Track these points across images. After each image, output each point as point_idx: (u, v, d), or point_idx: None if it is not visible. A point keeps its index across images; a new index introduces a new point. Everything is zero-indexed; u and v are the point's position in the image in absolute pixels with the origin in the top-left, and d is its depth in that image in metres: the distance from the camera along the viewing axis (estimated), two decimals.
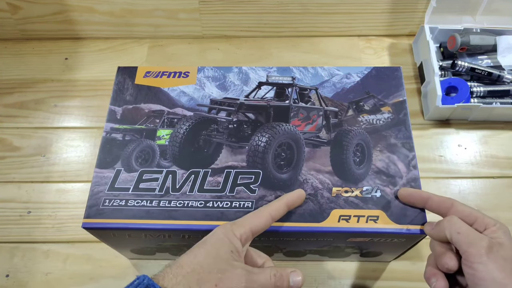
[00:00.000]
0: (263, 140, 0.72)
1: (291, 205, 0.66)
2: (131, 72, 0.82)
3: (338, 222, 0.66)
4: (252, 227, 0.60)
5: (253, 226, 0.60)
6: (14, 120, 1.10)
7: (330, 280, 0.90)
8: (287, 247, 0.80)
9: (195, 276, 0.53)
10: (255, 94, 0.79)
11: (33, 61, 1.20)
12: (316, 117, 0.77)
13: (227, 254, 0.56)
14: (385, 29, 1.21)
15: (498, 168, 1.02)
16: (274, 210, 0.63)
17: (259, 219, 0.61)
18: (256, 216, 0.61)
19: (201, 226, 0.66)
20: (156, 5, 1.15)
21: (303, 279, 0.62)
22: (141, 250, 0.83)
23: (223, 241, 0.57)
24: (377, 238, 0.69)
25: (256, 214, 0.62)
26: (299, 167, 0.71)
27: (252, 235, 0.60)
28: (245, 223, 0.60)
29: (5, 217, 0.98)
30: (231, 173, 0.71)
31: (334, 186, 0.69)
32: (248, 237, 0.59)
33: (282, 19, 1.18)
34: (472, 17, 1.13)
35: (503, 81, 1.07)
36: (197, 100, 0.79)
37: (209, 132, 0.75)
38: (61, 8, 1.15)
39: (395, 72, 0.80)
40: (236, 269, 0.55)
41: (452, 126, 1.08)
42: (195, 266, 0.54)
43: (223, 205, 0.68)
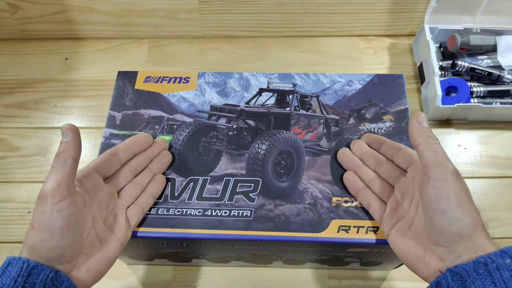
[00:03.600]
0: (263, 148, 0.72)
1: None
2: (131, 77, 0.82)
3: (338, 233, 0.66)
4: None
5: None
6: (14, 120, 1.10)
7: (330, 280, 0.90)
8: (286, 256, 0.81)
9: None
10: (256, 101, 0.79)
11: (33, 61, 1.20)
12: (317, 125, 0.77)
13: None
14: (385, 29, 1.20)
15: (498, 168, 1.02)
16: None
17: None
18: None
19: (200, 235, 0.66)
20: (156, 5, 1.15)
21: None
22: (139, 256, 0.83)
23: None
24: (377, 248, 0.69)
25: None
26: (299, 176, 0.71)
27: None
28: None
29: (5, 217, 0.98)
30: (230, 181, 0.71)
31: (334, 196, 0.69)
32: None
33: (282, 19, 1.18)
34: (472, 17, 1.13)
35: (503, 81, 1.07)
36: (197, 106, 0.78)
37: (208, 139, 0.75)
38: (61, 8, 1.15)
39: (398, 80, 0.79)
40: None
41: (452, 126, 1.08)
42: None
43: (222, 213, 0.68)
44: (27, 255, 0.53)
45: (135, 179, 0.68)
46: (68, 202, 0.54)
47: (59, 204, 0.53)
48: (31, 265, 0.51)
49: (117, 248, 0.62)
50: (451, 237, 0.52)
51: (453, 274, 0.50)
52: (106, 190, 0.64)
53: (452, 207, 0.52)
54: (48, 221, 0.53)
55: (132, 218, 0.65)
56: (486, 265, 0.49)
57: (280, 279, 0.91)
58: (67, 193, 0.54)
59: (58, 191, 0.53)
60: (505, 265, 0.48)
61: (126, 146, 0.68)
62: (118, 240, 0.62)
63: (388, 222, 0.62)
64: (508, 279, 0.47)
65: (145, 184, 0.68)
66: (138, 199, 0.67)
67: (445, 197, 0.52)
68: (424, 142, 0.56)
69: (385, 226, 0.62)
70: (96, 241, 0.60)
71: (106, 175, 0.65)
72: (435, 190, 0.53)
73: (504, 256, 0.49)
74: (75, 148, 0.56)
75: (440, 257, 0.54)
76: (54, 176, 0.54)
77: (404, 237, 0.59)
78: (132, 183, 0.68)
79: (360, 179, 0.68)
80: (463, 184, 0.53)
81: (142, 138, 0.70)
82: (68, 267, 0.55)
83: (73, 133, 0.57)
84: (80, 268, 0.57)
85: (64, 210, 0.53)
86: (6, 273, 0.51)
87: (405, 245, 0.58)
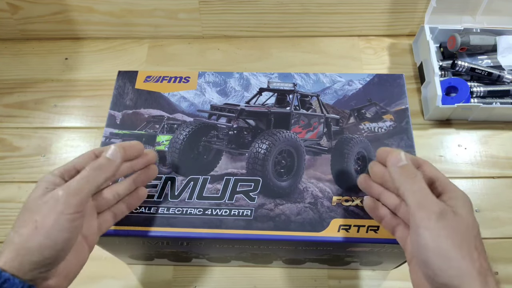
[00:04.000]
0: (263, 147, 0.72)
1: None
2: (131, 76, 0.81)
3: (338, 232, 0.66)
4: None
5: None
6: (14, 120, 1.10)
7: (330, 280, 0.90)
8: (286, 255, 0.81)
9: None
10: (256, 100, 0.79)
11: (33, 61, 1.20)
12: (317, 124, 0.77)
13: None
14: (385, 29, 1.21)
15: (498, 168, 1.02)
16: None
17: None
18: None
19: (200, 234, 0.66)
20: (156, 5, 1.15)
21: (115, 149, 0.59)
22: (139, 256, 0.83)
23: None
24: (377, 248, 0.69)
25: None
26: (299, 175, 0.71)
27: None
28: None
29: (5, 217, 0.98)
30: (231, 180, 0.71)
31: (334, 195, 0.69)
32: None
33: (282, 19, 1.18)
34: (472, 17, 1.13)
35: (503, 81, 1.08)
36: (198, 106, 0.78)
37: (209, 139, 0.75)
38: (61, 8, 1.15)
39: (398, 80, 0.79)
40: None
41: (452, 126, 1.08)
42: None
43: (222, 213, 0.68)
44: (11, 256, 0.49)
45: (112, 186, 0.63)
46: (80, 215, 0.52)
47: (73, 216, 0.51)
48: (3, 277, 0.48)
49: (86, 253, 0.59)
50: (440, 286, 0.48)
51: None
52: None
53: (434, 257, 0.48)
54: (56, 229, 0.50)
55: (103, 224, 0.62)
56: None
57: (280, 279, 0.91)
58: (83, 206, 0.53)
59: (76, 202, 0.52)
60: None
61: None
62: (88, 245, 0.59)
63: (409, 250, 0.56)
64: None
65: (123, 193, 0.63)
66: (114, 206, 0.63)
67: (426, 245, 0.49)
68: (403, 185, 0.53)
69: (407, 254, 0.57)
70: (73, 248, 0.55)
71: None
72: (418, 238, 0.50)
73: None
74: (114, 170, 0.56)
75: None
76: (80, 185, 0.53)
77: (416, 271, 0.53)
78: (109, 189, 0.62)
79: (384, 205, 0.62)
80: (448, 227, 0.49)
81: (133, 146, 0.63)
82: (49, 274, 0.52)
83: (121, 157, 0.57)
84: (60, 275, 0.54)
85: (75, 222, 0.52)
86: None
87: (414, 278, 0.54)
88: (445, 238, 0.48)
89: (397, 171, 0.54)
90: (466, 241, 0.48)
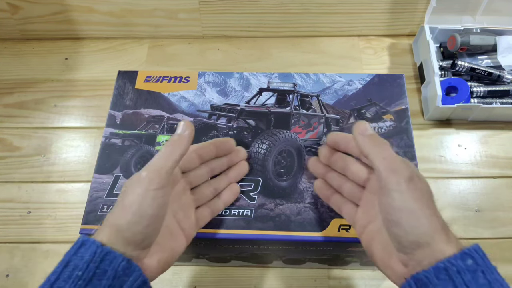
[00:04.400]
0: (263, 147, 0.72)
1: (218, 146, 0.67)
2: (131, 76, 0.81)
3: (338, 232, 0.66)
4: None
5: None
6: (14, 120, 1.11)
7: (330, 280, 0.90)
8: (286, 255, 0.81)
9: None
10: (256, 100, 0.79)
11: (33, 61, 1.20)
12: (317, 124, 0.77)
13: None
14: (385, 29, 1.20)
15: (498, 168, 1.02)
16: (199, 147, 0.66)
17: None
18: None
19: (200, 234, 0.66)
20: (156, 5, 1.15)
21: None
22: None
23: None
24: None
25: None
26: (299, 175, 0.71)
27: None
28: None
29: (5, 217, 0.98)
30: None
31: None
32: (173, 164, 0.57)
33: (282, 19, 1.18)
34: (472, 17, 1.13)
35: (503, 81, 1.07)
36: (198, 106, 0.78)
37: (209, 139, 0.75)
38: (61, 8, 1.15)
39: (398, 80, 0.79)
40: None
41: (452, 126, 1.08)
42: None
43: (222, 212, 0.68)
44: (107, 233, 0.53)
45: (211, 181, 0.67)
46: (163, 192, 0.55)
47: (155, 192, 0.54)
48: (104, 250, 0.51)
49: (183, 244, 0.62)
50: (410, 245, 0.51)
51: (416, 280, 0.50)
52: (181, 184, 0.63)
53: (405, 217, 0.51)
54: (141, 205, 0.53)
55: (201, 219, 0.65)
56: (446, 270, 0.48)
57: (280, 279, 0.91)
58: (165, 182, 0.55)
59: (157, 179, 0.55)
60: (466, 267, 0.48)
61: (210, 146, 0.67)
62: (185, 237, 0.62)
63: (360, 224, 0.60)
64: (470, 282, 0.47)
65: (219, 189, 0.68)
66: (211, 202, 0.67)
67: (398, 207, 0.51)
68: (372, 151, 0.55)
69: (357, 228, 0.61)
70: (166, 233, 0.59)
71: (184, 169, 0.64)
72: (388, 200, 0.52)
73: (465, 258, 0.48)
74: (187, 144, 0.57)
75: (403, 263, 0.53)
76: (158, 163, 0.56)
77: (373, 242, 0.58)
78: (207, 184, 0.67)
79: (330, 186, 0.66)
80: (417, 189, 0.52)
81: (228, 142, 0.69)
82: (143, 253, 0.56)
83: (190, 130, 0.58)
84: (153, 257, 0.57)
85: (158, 199, 0.55)
86: (78, 254, 0.52)
87: (373, 250, 0.58)
88: (415, 199, 0.51)
89: (365, 139, 0.56)
90: (431, 202, 0.53)
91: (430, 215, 0.51)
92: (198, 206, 0.66)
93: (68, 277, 0.50)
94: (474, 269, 0.48)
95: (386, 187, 0.52)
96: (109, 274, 0.51)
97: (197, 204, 0.65)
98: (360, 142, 0.56)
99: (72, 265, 0.50)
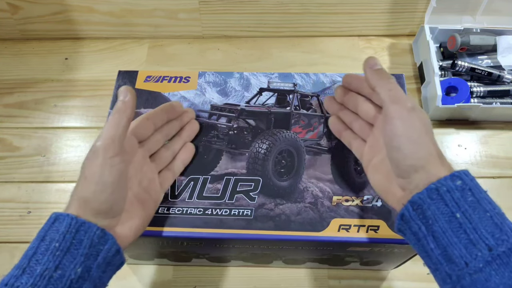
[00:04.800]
0: (263, 147, 0.72)
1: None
2: (131, 76, 0.81)
3: (338, 232, 0.66)
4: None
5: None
6: (14, 120, 1.10)
7: (330, 280, 0.90)
8: (286, 255, 0.81)
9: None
10: (256, 100, 0.79)
11: (33, 61, 1.20)
12: (317, 124, 0.77)
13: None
14: (385, 29, 1.21)
15: (498, 168, 1.02)
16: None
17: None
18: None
19: (200, 234, 0.66)
20: (156, 5, 1.15)
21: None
22: (139, 256, 0.83)
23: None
24: (377, 248, 0.69)
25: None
26: (300, 175, 0.71)
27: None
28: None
29: (5, 217, 0.98)
30: (231, 180, 0.71)
31: (334, 194, 0.69)
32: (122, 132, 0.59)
33: (282, 19, 1.18)
34: (472, 17, 1.13)
35: (503, 81, 1.08)
36: (198, 106, 0.78)
37: (209, 138, 0.75)
38: (61, 8, 1.15)
39: (398, 80, 0.78)
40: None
41: (452, 126, 1.08)
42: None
43: (222, 212, 0.68)
44: (76, 207, 0.55)
45: (167, 144, 0.71)
46: (119, 159, 0.57)
47: (112, 160, 0.56)
48: (79, 221, 0.53)
49: (152, 209, 0.65)
50: (407, 169, 0.55)
51: (412, 203, 0.54)
52: (140, 153, 0.65)
53: (405, 142, 0.55)
54: (101, 174, 0.55)
55: (164, 182, 0.68)
56: (437, 190, 0.52)
57: (280, 279, 0.91)
58: (119, 150, 0.57)
59: (112, 146, 0.56)
60: (455, 187, 0.51)
61: (161, 112, 0.69)
62: (153, 201, 0.65)
63: (366, 158, 0.65)
64: (459, 199, 0.51)
65: (176, 150, 0.71)
66: (170, 164, 0.70)
67: (400, 133, 0.55)
68: (379, 83, 0.59)
69: (364, 162, 0.65)
70: (134, 201, 0.62)
71: (140, 138, 0.66)
72: (391, 127, 0.56)
73: (455, 179, 0.52)
74: (131, 108, 0.59)
75: (401, 187, 0.57)
76: (109, 132, 0.57)
77: (376, 171, 0.62)
78: (164, 148, 0.70)
79: (343, 122, 0.71)
80: (418, 118, 0.56)
81: (176, 105, 0.72)
82: (113, 222, 0.58)
83: (131, 94, 0.59)
84: (124, 224, 0.59)
85: (116, 166, 0.56)
86: (53, 228, 0.53)
87: (377, 178, 0.62)
88: (414, 127, 0.55)
89: (373, 72, 0.60)
90: (429, 131, 0.56)
91: (427, 142, 0.55)
92: (160, 171, 0.69)
93: (45, 250, 0.51)
94: (462, 188, 0.51)
95: (390, 115, 0.56)
96: (85, 243, 0.53)
97: (158, 168, 0.68)
98: (369, 75, 0.60)
99: (49, 238, 0.52)
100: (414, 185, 0.54)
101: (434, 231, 0.51)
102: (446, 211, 0.51)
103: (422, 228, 0.53)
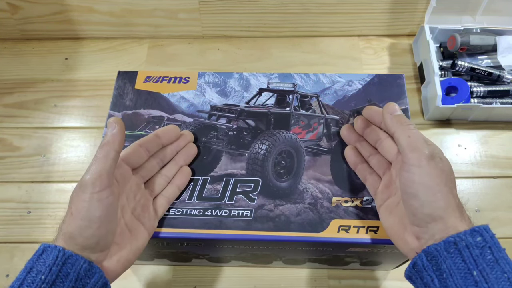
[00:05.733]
0: (263, 148, 0.72)
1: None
2: (131, 76, 0.81)
3: (338, 233, 0.66)
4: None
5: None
6: (14, 120, 1.11)
7: (330, 280, 0.91)
8: (286, 256, 0.81)
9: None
10: (256, 101, 0.79)
11: (33, 61, 1.20)
12: (317, 125, 0.77)
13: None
14: (385, 29, 1.20)
15: (498, 168, 1.02)
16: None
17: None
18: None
19: (200, 235, 0.66)
20: (156, 5, 1.15)
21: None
22: (139, 256, 0.83)
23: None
24: (377, 248, 0.69)
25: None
26: (299, 176, 0.71)
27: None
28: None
29: (5, 217, 0.99)
30: (230, 181, 0.70)
31: (334, 195, 0.69)
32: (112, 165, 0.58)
33: (282, 19, 1.18)
34: (472, 17, 1.13)
35: (503, 81, 1.07)
36: (197, 106, 0.78)
37: (208, 139, 0.75)
38: (61, 8, 1.15)
39: (398, 80, 0.79)
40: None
41: (452, 126, 1.08)
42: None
43: (222, 213, 0.68)
44: (62, 242, 0.55)
45: (161, 171, 0.69)
46: (108, 192, 0.56)
47: (99, 194, 0.55)
48: (66, 254, 0.53)
49: (145, 238, 0.64)
50: (424, 218, 0.54)
51: (427, 254, 0.53)
52: (134, 181, 0.65)
53: (422, 190, 0.54)
54: (88, 210, 0.54)
55: (159, 208, 0.67)
56: (455, 244, 0.51)
57: (280, 279, 0.91)
58: (107, 183, 0.56)
59: (99, 181, 0.55)
60: (475, 243, 0.50)
61: (155, 138, 0.68)
62: (146, 230, 0.64)
63: (380, 197, 0.64)
64: (477, 256, 0.49)
65: (172, 176, 0.70)
66: (165, 190, 0.69)
67: (417, 181, 0.54)
68: (398, 130, 0.59)
69: (378, 201, 0.65)
70: (125, 231, 0.61)
71: (134, 166, 0.65)
72: (409, 175, 0.55)
73: (475, 235, 0.51)
74: (119, 141, 0.58)
75: (416, 236, 0.56)
76: (96, 166, 0.56)
77: (390, 214, 0.61)
78: (159, 174, 0.69)
79: (360, 154, 0.70)
80: (437, 167, 0.55)
81: (171, 130, 0.71)
82: (101, 256, 0.57)
83: (119, 126, 0.59)
84: (112, 258, 0.59)
85: (104, 200, 0.55)
86: (41, 260, 0.53)
87: (390, 222, 0.61)
88: (433, 176, 0.54)
89: (393, 118, 0.61)
90: (449, 181, 0.55)
91: (447, 192, 0.54)
92: (155, 197, 0.68)
93: (31, 282, 0.51)
94: (482, 245, 0.50)
95: (408, 162, 0.56)
96: (72, 277, 0.53)
97: (153, 195, 0.67)
98: (388, 121, 0.61)
99: (35, 270, 0.52)
100: (430, 235, 0.54)
101: (448, 286, 0.50)
102: (463, 267, 0.50)
103: (435, 281, 0.52)
